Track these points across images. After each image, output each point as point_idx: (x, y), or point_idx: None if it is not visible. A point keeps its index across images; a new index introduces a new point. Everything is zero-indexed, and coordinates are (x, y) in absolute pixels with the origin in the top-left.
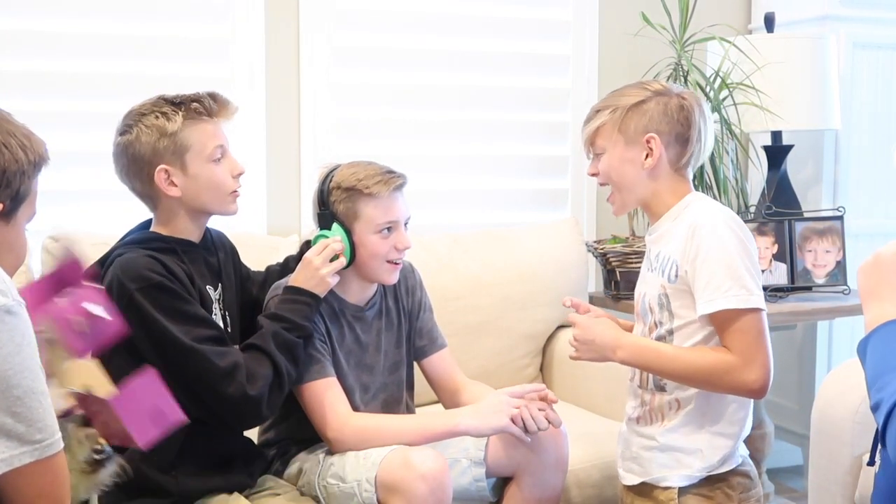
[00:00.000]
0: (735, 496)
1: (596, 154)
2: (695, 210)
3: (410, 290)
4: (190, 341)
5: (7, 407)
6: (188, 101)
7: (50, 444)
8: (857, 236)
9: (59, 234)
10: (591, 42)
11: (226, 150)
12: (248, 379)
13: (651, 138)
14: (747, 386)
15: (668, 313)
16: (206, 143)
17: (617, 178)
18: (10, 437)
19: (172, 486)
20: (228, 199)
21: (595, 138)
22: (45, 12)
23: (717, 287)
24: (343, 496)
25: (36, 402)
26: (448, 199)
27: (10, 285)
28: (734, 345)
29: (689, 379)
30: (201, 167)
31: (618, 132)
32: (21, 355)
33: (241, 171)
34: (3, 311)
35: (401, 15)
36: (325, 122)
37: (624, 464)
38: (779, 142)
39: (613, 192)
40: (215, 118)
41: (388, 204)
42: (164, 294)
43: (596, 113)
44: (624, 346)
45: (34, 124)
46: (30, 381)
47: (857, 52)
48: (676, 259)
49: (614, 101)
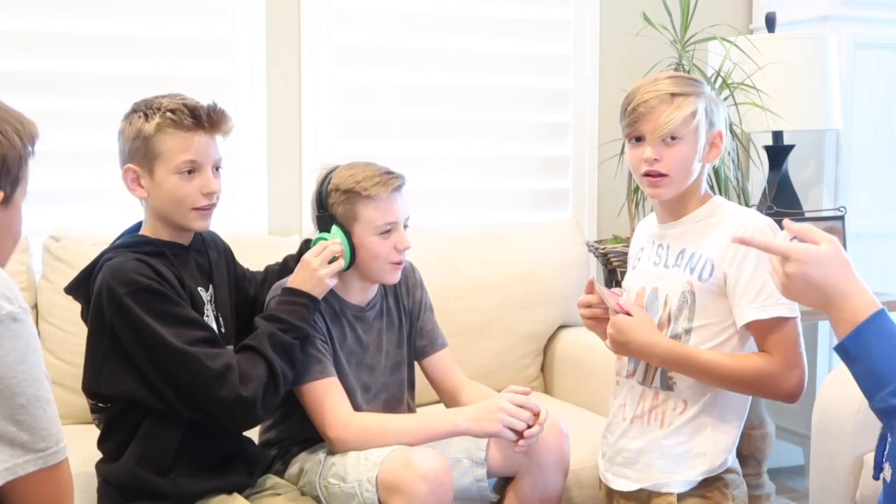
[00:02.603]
0: (730, 493)
1: (665, 140)
2: (729, 213)
3: (411, 290)
4: (181, 344)
5: (11, 415)
6: (166, 109)
7: (54, 452)
8: (858, 236)
9: (60, 234)
10: (592, 42)
11: (199, 165)
12: (241, 380)
13: (720, 133)
14: (788, 391)
15: (690, 311)
16: (176, 154)
17: (686, 166)
18: (14, 446)
19: (171, 487)
20: (192, 215)
21: (681, 125)
22: (45, 12)
23: (770, 294)
24: (344, 496)
25: (40, 411)
26: (449, 199)
27: (16, 292)
28: (778, 351)
29: (729, 383)
30: (166, 177)
31: (705, 121)
32: (26, 363)
33: (212, 191)
34: (10, 318)
35: (401, 15)
36: (325, 122)
37: (614, 469)
38: (780, 142)
39: (676, 177)
40: (194, 132)
41: (386, 205)
42: (154, 297)
43: (673, 98)
44: (659, 353)
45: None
46: (34, 389)
47: (858, 52)
48: (712, 259)
49: (690, 87)
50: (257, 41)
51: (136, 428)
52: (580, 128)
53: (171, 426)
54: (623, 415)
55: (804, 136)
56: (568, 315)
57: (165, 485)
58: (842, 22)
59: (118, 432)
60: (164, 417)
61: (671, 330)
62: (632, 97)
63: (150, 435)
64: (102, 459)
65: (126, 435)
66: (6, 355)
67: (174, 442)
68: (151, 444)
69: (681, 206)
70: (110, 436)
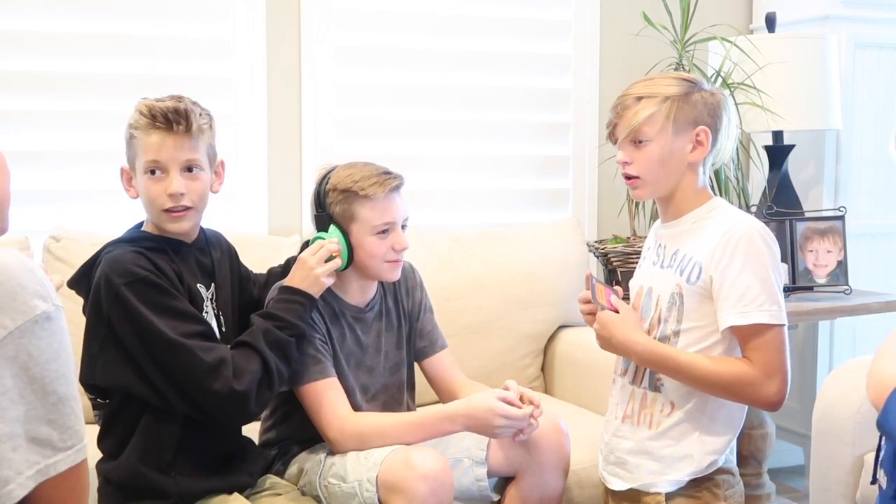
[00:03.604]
0: (721, 493)
1: (636, 142)
2: (726, 217)
3: (410, 291)
4: (176, 336)
5: (44, 415)
6: (136, 110)
7: (79, 449)
8: (858, 236)
9: (60, 234)
10: (592, 42)
11: (163, 166)
12: (235, 374)
13: (703, 130)
14: (766, 399)
15: (678, 313)
16: (141, 154)
17: (661, 166)
18: (45, 446)
19: (171, 486)
20: (163, 217)
21: (643, 126)
22: (45, 12)
23: (752, 300)
24: (344, 496)
25: (69, 409)
26: (449, 199)
27: (49, 288)
28: (758, 358)
29: (707, 387)
30: (139, 177)
31: (670, 122)
32: (58, 361)
33: (174, 192)
34: (45, 318)
35: (402, 15)
36: (326, 122)
37: (608, 468)
38: (780, 142)
39: (647, 178)
40: (153, 131)
41: (384, 205)
42: (151, 289)
43: (638, 101)
44: (639, 351)
45: (34, 124)
46: (65, 387)
47: (858, 52)
48: (701, 261)
49: (658, 89)
50: (257, 41)
51: (135, 424)
52: (580, 128)
53: (169, 422)
54: (616, 413)
55: (804, 136)
56: (568, 315)
57: (166, 483)
58: (842, 22)
59: (117, 429)
60: (162, 413)
61: (660, 331)
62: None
63: (149, 431)
64: (102, 458)
65: (125, 432)
66: (40, 354)
67: (173, 439)
68: (151, 440)
69: (675, 207)
70: (109, 433)
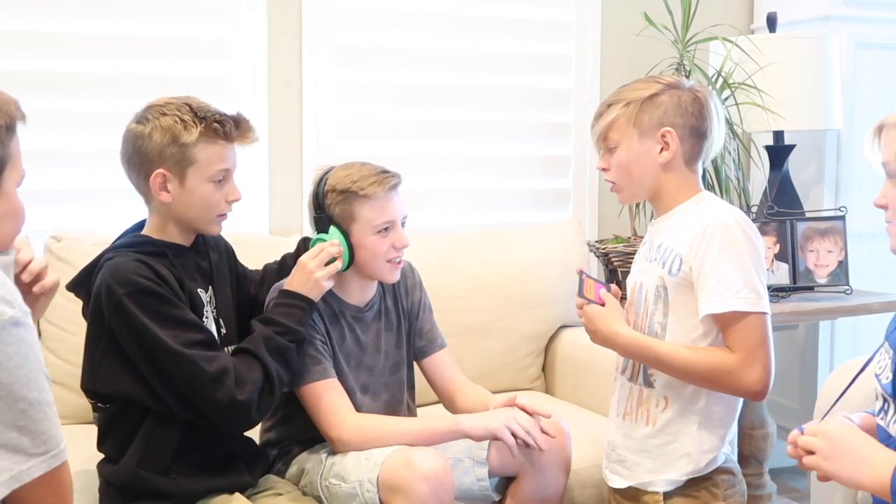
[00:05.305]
0: (720, 493)
1: (609, 148)
2: (706, 209)
3: (410, 291)
4: (178, 346)
5: (13, 421)
6: (211, 119)
7: (56, 454)
8: (858, 236)
9: (61, 234)
10: (594, 42)
11: (230, 173)
12: (236, 384)
13: (667, 132)
14: (747, 387)
15: (664, 306)
16: (214, 164)
17: (630, 171)
18: (17, 452)
19: (172, 487)
20: (215, 220)
21: (608, 132)
22: (45, 12)
23: (727, 288)
24: (345, 496)
25: (41, 414)
26: (449, 198)
27: (15, 294)
28: (737, 346)
29: (688, 377)
30: (199, 184)
31: (632, 126)
32: (27, 367)
33: (237, 198)
34: (11, 323)
35: (402, 15)
36: (326, 122)
37: (610, 465)
38: (781, 142)
39: (621, 183)
40: (232, 143)
41: (383, 204)
42: (153, 299)
43: (608, 107)
44: (622, 343)
45: (34, 124)
46: (35, 392)
47: (859, 52)
48: (681, 253)
49: (626, 94)
50: (258, 41)
51: (136, 428)
52: (581, 128)
53: (170, 427)
54: (617, 411)
55: (805, 136)
56: (569, 315)
57: (167, 484)
58: (843, 22)
59: (118, 433)
60: (163, 418)
61: (648, 325)
62: None
63: (149, 435)
64: (103, 460)
65: (126, 436)
66: (8, 360)
67: (174, 442)
68: (151, 444)
69: (664, 204)
70: (110, 436)
